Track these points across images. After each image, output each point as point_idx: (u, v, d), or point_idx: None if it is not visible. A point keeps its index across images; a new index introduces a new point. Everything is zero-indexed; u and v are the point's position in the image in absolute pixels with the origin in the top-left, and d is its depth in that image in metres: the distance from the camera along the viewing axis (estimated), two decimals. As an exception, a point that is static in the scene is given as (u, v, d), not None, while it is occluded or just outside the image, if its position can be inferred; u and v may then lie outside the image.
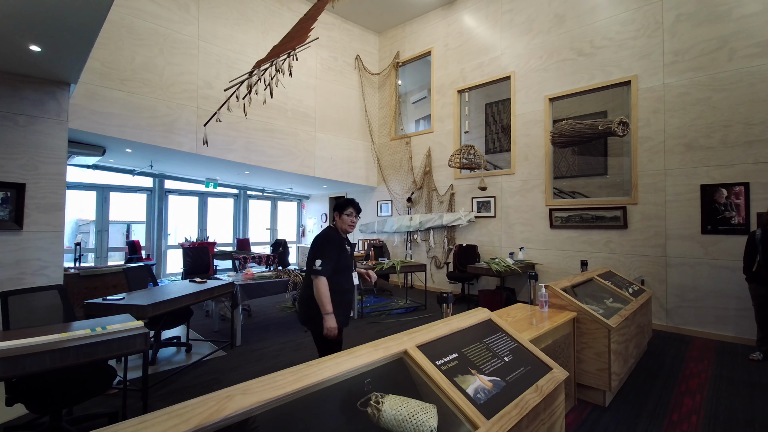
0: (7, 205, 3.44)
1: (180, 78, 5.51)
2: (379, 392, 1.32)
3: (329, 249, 2.32)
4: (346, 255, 2.44)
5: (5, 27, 2.68)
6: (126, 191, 8.04)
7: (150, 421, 0.90)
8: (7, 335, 1.99)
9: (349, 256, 2.49)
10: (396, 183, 7.92)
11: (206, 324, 4.76)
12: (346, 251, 2.45)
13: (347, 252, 2.46)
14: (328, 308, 2.21)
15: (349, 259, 2.48)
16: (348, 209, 2.43)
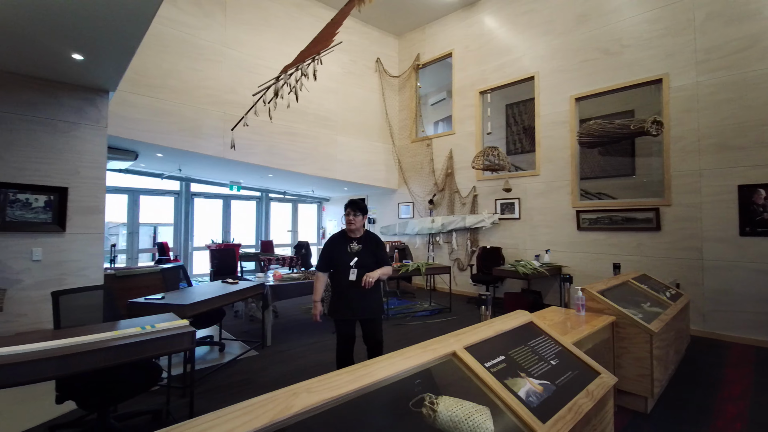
0: (51, 208, 3.59)
1: (205, 83, 5.66)
2: (430, 393, 1.32)
3: (324, 249, 2.69)
4: (344, 253, 2.57)
5: (48, 36, 2.80)
6: (155, 194, 8.28)
7: (224, 417, 0.92)
8: (59, 334, 2.07)
9: (350, 254, 2.57)
10: (417, 185, 7.92)
11: (236, 324, 4.86)
12: (345, 250, 2.58)
13: (346, 250, 2.58)
14: (315, 297, 2.66)
15: (348, 256, 2.56)
16: (346, 209, 2.60)
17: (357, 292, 2.52)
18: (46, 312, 3.48)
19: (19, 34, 2.75)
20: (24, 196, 3.48)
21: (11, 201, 3.43)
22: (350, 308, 2.56)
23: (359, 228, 2.63)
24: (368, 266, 2.54)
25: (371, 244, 2.63)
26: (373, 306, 2.61)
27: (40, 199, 3.55)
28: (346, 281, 2.54)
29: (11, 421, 2.43)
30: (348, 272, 2.53)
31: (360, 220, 2.60)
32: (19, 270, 3.44)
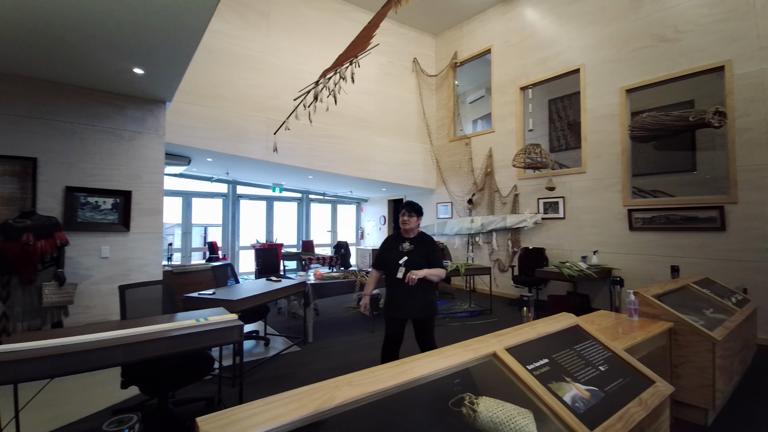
0: (117, 210, 3.94)
1: (250, 91, 5.94)
2: (469, 393, 1.31)
3: (380, 247, 2.86)
4: (395, 252, 2.66)
5: (114, 54, 3.08)
6: (205, 197, 8.81)
7: (274, 404, 0.98)
8: (125, 324, 2.27)
9: (400, 253, 2.64)
10: (455, 185, 7.81)
11: (279, 320, 5.06)
12: (397, 249, 2.67)
13: (398, 249, 2.67)
14: (365, 291, 2.86)
15: (398, 255, 2.64)
16: (401, 210, 2.71)
17: (404, 290, 2.56)
18: (113, 304, 3.82)
19: (89, 53, 3.05)
20: (94, 199, 3.85)
21: (83, 204, 3.80)
22: (397, 306, 2.64)
23: (413, 229, 2.69)
24: (417, 266, 2.56)
25: (423, 245, 2.66)
26: (420, 305, 2.62)
27: (107, 201, 3.90)
28: (394, 279, 2.61)
29: (80, 404, 2.69)
30: (397, 270, 2.60)
31: (414, 221, 2.66)
32: (90, 266, 3.80)
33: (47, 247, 3.29)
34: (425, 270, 2.53)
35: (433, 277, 2.57)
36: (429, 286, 2.64)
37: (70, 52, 3.03)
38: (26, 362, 1.69)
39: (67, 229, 3.58)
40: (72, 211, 3.70)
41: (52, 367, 1.75)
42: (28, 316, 3.28)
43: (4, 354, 1.69)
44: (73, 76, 3.55)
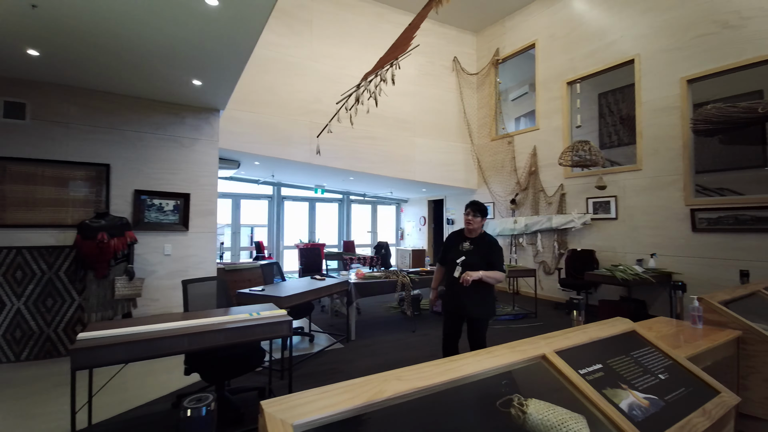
0: (177, 211, 4.27)
1: (294, 96, 6.17)
2: (518, 394, 1.30)
3: (444, 243, 2.90)
4: (454, 251, 2.72)
5: (176, 68, 3.34)
6: (252, 198, 9.26)
7: (330, 393, 1.04)
8: (187, 316, 2.46)
9: (459, 252, 2.69)
10: (497, 184, 7.63)
11: (322, 318, 5.22)
12: (457, 247, 2.72)
13: (458, 248, 2.72)
14: (432, 285, 3.01)
15: (456, 254, 2.69)
16: (466, 210, 2.70)
17: (459, 288, 2.59)
18: (174, 298, 4.14)
19: (156, 69, 3.33)
20: (158, 201, 4.19)
21: (148, 205, 4.15)
22: (453, 303, 2.70)
23: (477, 229, 2.69)
24: (474, 266, 2.57)
25: (483, 246, 2.65)
26: (472, 305, 2.62)
27: (169, 203, 4.23)
28: (451, 276, 2.67)
29: (147, 389, 2.95)
30: (454, 269, 2.64)
31: (479, 221, 2.66)
32: (154, 263, 4.14)
33: (119, 245, 3.64)
34: (481, 272, 2.52)
35: (490, 279, 2.55)
36: (486, 287, 2.63)
37: (140, 68, 3.33)
38: (103, 348, 1.89)
39: (136, 228, 3.93)
40: (139, 212, 4.05)
41: (126, 354, 1.94)
42: (101, 307, 3.64)
43: (84, 341, 1.90)
44: (141, 90, 3.90)
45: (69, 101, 3.76)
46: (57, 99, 3.72)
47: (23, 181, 3.59)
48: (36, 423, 2.41)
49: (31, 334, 3.54)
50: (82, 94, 3.82)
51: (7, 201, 3.52)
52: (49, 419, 2.45)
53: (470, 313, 2.65)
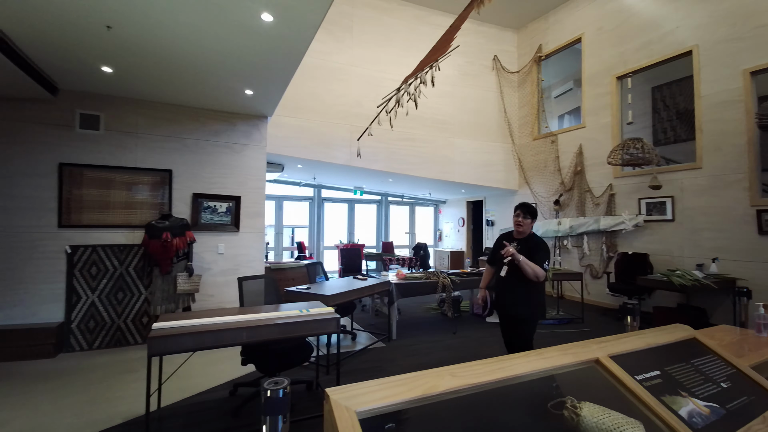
0: (230, 212, 4.55)
1: (336, 101, 6.35)
2: (571, 397, 1.30)
3: (494, 244, 2.93)
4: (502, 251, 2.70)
5: (231, 79, 3.58)
6: (294, 200, 9.62)
7: (387, 384, 1.10)
8: (244, 311, 2.64)
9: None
10: (540, 185, 7.41)
11: (363, 317, 5.33)
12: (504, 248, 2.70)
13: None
14: (481, 284, 3.05)
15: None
16: (516, 211, 2.74)
17: (507, 288, 2.65)
18: (227, 294, 4.42)
19: (213, 80, 3.59)
20: (212, 203, 4.49)
21: (204, 207, 4.46)
22: (501, 302, 2.74)
23: (526, 230, 2.71)
24: (519, 267, 2.58)
25: (529, 247, 2.66)
26: (517, 304, 2.64)
27: (222, 205, 4.52)
28: (499, 277, 2.73)
29: (207, 377, 3.18)
30: (502, 268, 2.69)
31: (528, 223, 2.69)
32: (210, 261, 4.44)
33: (180, 244, 3.95)
34: (523, 257, 2.54)
35: (527, 267, 2.53)
36: (535, 286, 2.63)
37: (200, 81, 3.61)
38: (175, 338, 2.08)
39: (193, 229, 4.24)
40: (197, 213, 4.36)
41: (193, 343, 2.13)
42: (165, 300, 3.97)
43: (158, 330, 2.10)
44: (200, 101, 4.20)
45: (137, 113, 4.14)
46: (127, 111, 4.10)
47: (98, 185, 3.99)
48: (110, 406, 2.68)
49: (104, 325, 3.92)
50: (149, 106, 4.19)
51: (84, 204, 3.93)
52: (122, 402, 2.72)
53: (514, 312, 2.66)
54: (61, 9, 2.44)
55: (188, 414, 2.57)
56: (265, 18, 2.52)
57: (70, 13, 2.49)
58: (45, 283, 3.74)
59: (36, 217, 3.73)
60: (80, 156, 3.91)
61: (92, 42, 2.88)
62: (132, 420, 2.46)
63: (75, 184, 3.88)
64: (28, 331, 3.55)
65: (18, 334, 3.52)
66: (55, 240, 3.78)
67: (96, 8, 2.44)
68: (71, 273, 3.82)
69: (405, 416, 1.10)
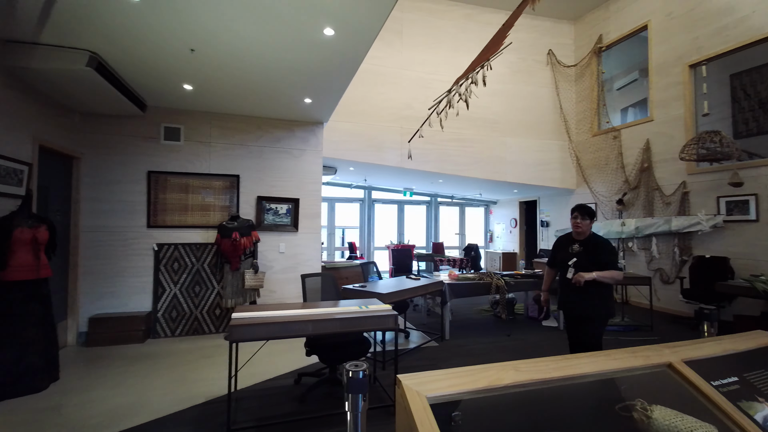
0: (290, 214, 4.85)
1: (386, 104, 6.49)
2: (641, 399, 1.28)
3: (552, 246, 2.96)
4: (564, 253, 2.76)
5: (293, 89, 3.84)
6: (345, 202, 9.94)
7: (454, 374, 1.18)
8: (307, 305, 2.84)
9: (569, 254, 2.72)
10: (601, 183, 7.02)
11: (415, 317, 5.41)
12: (566, 250, 2.76)
13: (567, 250, 2.75)
14: (543, 287, 3.06)
15: (567, 256, 2.73)
16: (573, 213, 2.71)
17: (572, 289, 2.63)
18: (287, 290, 4.72)
19: (278, 91, 3.88)
20: (274, 205, 4.82)
21: (267, 209, 4.80)
22: (567, 304, 2.74)
23: (585, 231, 2.70)
24: (585, 268, 2.60)
25: (593, 248, 2.65)
26: (585, 302, 2.62)
27: (283, 207, 4.84)
28: (564, 278, 2.73)
29: (275, 366, 3.43)
30: (566, 270, 2.69)
31: (587, 224, 2.68)
32: (272, 259, 4.77)
33: (247, 243, 4.30)
34: (595, 273, 2.53)
35: (606, 279, 2.54)
36: (603, 286, 2.60)
37: (266, 92, 3.92)
38: (250, 327, 2.30)
39: (258, 229, 4.59)
40: (261, 215, 4.71)
41: (266, 333, 2.34)
42: (235, 295, 4.33)
43: (237, 320, 2.34)
44: (264, 110, 4.55)
45: (211, 124, 4.57)
46: (202, 123, 4.55)
47: (178, 190, 4.46)
48: (193, 386, 3.00)
49: (184, 314, 4.37)
50: (221, 117, 4.60)
51: (167, 206, 4.42)
52: (202, 384, 3.04)
53: (583, 310, 2.63)
54: (151, 35, 2.80)
55: (260, 397, 2.82)
56: (327, 32, 2.70)
57: (158, 39, 2.85)
58: (136, 276, 4.26)
59: (129, 219, 4.26)
60: (164, 164, 4.40)
61: (177, 63, 3.25)
62: (213, 399, 2.76)
63: (160, 189, 4.38)
64: (122, 318, 4.06)
65: (114, 321, 4.04)
66: (144, 239, 4.29)
67: (181, 33, 2.77)
68: (157, 268, 4.31)
69: (470, 405, 1.17)
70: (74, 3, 2.37)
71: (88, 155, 4.14)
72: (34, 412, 2.56)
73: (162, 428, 2.39)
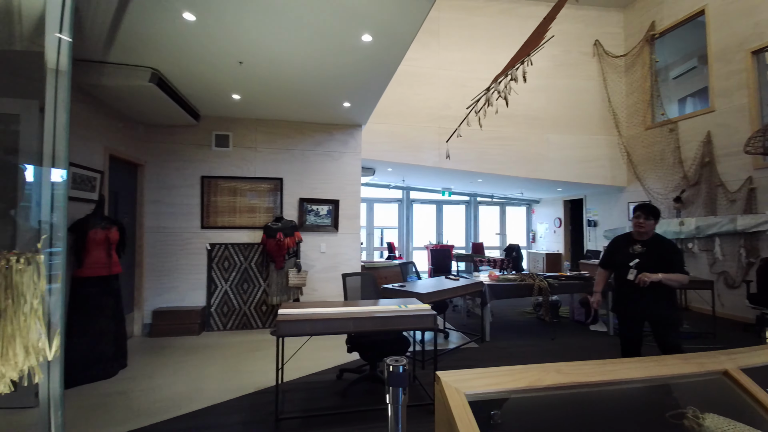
0: (330, 215, 5.01)
1: (424, 104, 6.50)
2: (693, 407, 1.23)
3: (607, 247, 2.86)
4: (624, 254, 2.63)
5: (333, 95, 3.97)
6: (383, 202, 10.05)
7: (492, 373, 1.19)
8: (348, 304, 2.93)
9: (630, 255, 2.59)
10: (655, 180, 6.58)
11: (454, 317, 5.38)
12: (626, 251, 2.63)
13: (628, 251, 2.62)
14: (595, 288, 2.86)
15: (627, 257, 2.61)
16: (636, 212, 2.61)
17: (635, 291, 2.53)
18: (328, 289, 4.88)
19: (318, 96, 4.03)
20: (315, 206, 4.99)
21: (308, 210, 4.98)
22: (627, 306, 2.63)
23: (648, 232, 2.60)
24: (649, 269, 2.49)
25: (659, 249, 2.55)
26: (652, 305, 2.53)
27: (323, 208, 5.00)
28: (624, 280, 2.62)
29: (316, 361, 3.57)
30: (627, 272, 2.59)
31: (651, 224, 2.57)
32: (314, 258, 4.95)
33: (291, 243, 4.50)
34: (661, 274, 2.42)
35: (672, 282, 2.45)
36: (668, 290, 2.51)
37: (308, 98, 4.09)
38: (296, 323, 2.43)
39: (300, 229, 4.79)
40: (302, 216, 4.91)
41: (310, 328, 2.45)
42: (279, 292, 4.55)
43: (283, 316, 2.47)
44: (305, 115, 4.74)
45: (257, 130, 4.83)
46: (249, 129, 4.82)
47: (228, 193, 4.76)
48: (244, 377, 3.20)
49: (234, 310, 4.65)
50: (266, 124, 4.85)
51: (218, 209, 4.72)
52: (252, 375, 3.23)
53: (656, 314, 2.53)
54: (204, 51, 3.02)
55: (305, 390, 2.95)
56: (365, 39, 2.78)
57: (211, 54, 3.07)
58: (192, 273, 4.59)
59: (186, 220, 4.61)
60: (215, 169, 4.71)
61: (227, 75, 3.48)
62: (262, 390, 2.93)
63: (212, 192, 4.69)
64: (180, 312, 4.40)
65: (173, 314, 4.38)
66: (199, 239, 4.62)
67: (231, 48, 2.97)
68: (210, 266, 4.62)
69: (509, 405, 1.18)
70: (137, 24, 2.62)
71: (150, 162, 4.53)
72: (105, 396, 2.85)
73: (217, 414, 2.58)
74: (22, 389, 1.45)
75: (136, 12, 2.47)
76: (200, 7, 2.43)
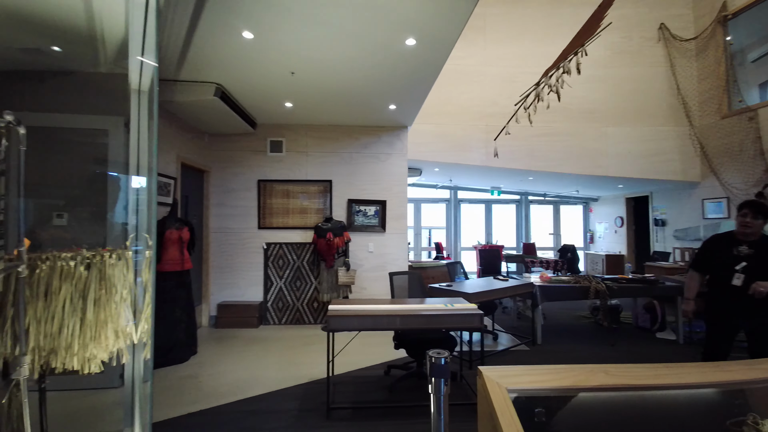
0: (377, 215, 5.13)
1: (469, 103, 6.40)
2: (754, 413, 1.15)
3: (702, 248, 2.64)
4: (727, 256, 2.41)
5: (380, 98, 4.07)
6: (431, 202, 10.03)
7: (536, 371, 1.20)
8: (395, 302, 3.01)
9: (735, 257, 2.38)
10: (734, 173, 5.93)
11: (504, 319, 5.26)
12: (729, 252, 2.41)
13: (731, 253, 2.40)
14: (687, 295, 2.63)
15: (731, 259, 2.39)
16: (742, 210, 2.38)
17: (740, 299, 2.33)
18: (376, 287, 5.00)
19: (365, 100, 4.16)
20: (363, 207, 5.14)
21: (356, 211, 5.14)
22: (726, 315, 2.44)
23: (756, 232, 2.38)
24: (758, 274, 2.29)
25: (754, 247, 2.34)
26: (757, 311, 2.32)
27: (371, 209, 5.14)
28: (725, 285, 2.40)
29: (364, 357, 3.69)
30: (730, 276, 2.38)
31: (759, 224, 2.35)
32: (362, 258, 5.10)
33: (340, 243, 4.68)
34: None
35: None
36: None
37: (355, 102, 4.24)
38: (345, 318, 2.55)
39: (349, 230, 4.96)
40: (351, 216, 5.08)
41: (358, 324, 2.57)
42: (330, 290, 4.75)
43: (333, 311, 2.60)
44: (353, 119, 4.91)
45: (308, 135, 5.09)
46: (300, 135, 5.09)
47: (281, 196, 5.06)
48: (299, 368, 3.40)
49: (288, 306, 4.93)
50: (316, 129, 5.10)
51: (273, 210, 5.04)
52: (306, 367, 3.42)
53: (752, 321, 2.33)
54: (260, 65, 3.26)
55: (354, 383, 3.08)
56: (409, 43, 2.85)
57: (265, 67, 3.31)
58: (250, 270, 4.94)
59: (245, 221, 4.98)
60: (270, 173, 5.04)
61: (280, 85, 3.73)
62: (315, 381, 3.10)
63: (267, 195, 5.02)
64: (241, 306, 4.76)
65: (235, 308, 4.75)
66: (256, 238, 4.97)
67: (284, 60, 3.18)
68: (266, 264, 4.95)
69: (554, 404, 1.18)
70: (203, 45, 2.91)
71: (214, 168, 4.96)
72: (179, 379, 3.18)
73: (275, 400, 2.78)
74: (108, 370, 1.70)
75: (203, 34, 2.74)
76: (257, 25, 2.64)
